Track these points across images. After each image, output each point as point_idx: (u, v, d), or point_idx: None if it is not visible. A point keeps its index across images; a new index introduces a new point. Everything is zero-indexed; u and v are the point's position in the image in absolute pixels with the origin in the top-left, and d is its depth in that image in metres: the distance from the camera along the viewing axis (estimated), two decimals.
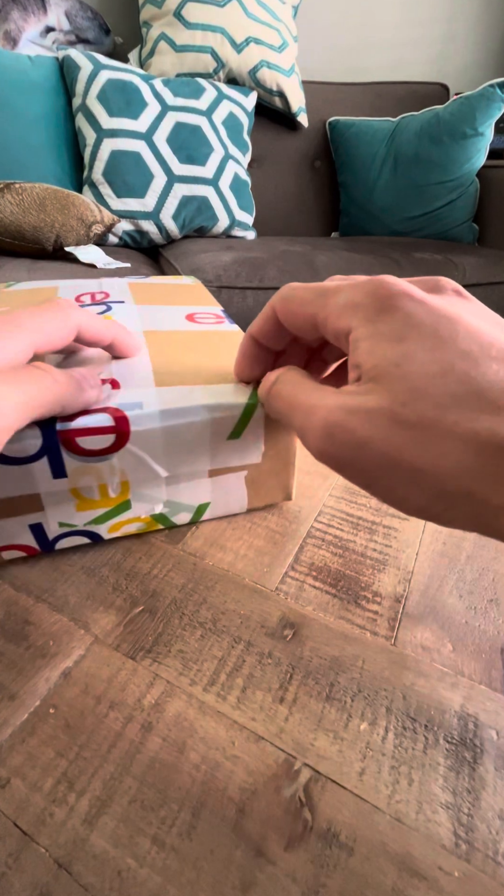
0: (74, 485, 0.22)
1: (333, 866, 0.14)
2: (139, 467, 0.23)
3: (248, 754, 0.17)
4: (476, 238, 1.50)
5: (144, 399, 0.22)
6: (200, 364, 0.26)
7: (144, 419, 0.21)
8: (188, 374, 0.24)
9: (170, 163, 1.21)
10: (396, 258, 1.10)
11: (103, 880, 0.14)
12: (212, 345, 0.28)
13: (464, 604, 0.23)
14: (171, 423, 0.22)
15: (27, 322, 0.19)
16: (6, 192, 0.93)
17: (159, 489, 0.24)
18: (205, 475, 0.25)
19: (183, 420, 0.22)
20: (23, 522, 0.23)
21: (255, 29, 1.36)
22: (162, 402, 0.22)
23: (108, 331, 0.24)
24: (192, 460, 0.24)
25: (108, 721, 0.18)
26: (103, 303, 0.35)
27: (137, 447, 0.22)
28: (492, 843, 0.15)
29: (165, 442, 0.22)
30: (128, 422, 0.21)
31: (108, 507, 0.24)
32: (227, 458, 0.25)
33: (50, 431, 0.20)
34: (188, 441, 0.23)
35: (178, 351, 0.27)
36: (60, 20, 1.38)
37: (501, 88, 1.30)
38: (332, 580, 0.24)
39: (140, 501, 0.24)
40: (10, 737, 0.17)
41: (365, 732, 0.18)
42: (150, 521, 0.26)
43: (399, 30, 1.79)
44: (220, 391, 0.23)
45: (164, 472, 0.24)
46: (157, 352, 0.27)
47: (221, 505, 0.27)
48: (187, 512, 0.26)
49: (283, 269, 1.01)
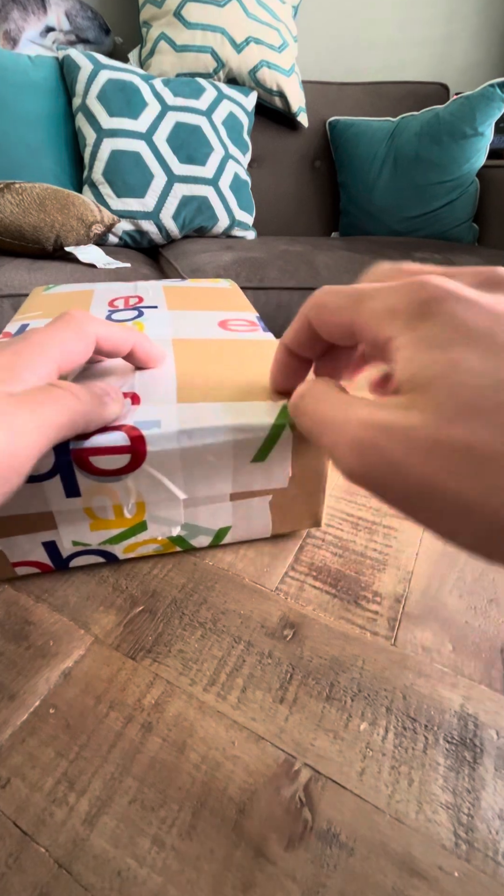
0: (88, 504, 0.21)
1: (333, 866, 0.14)
2: (156, 489, 0.22)
3: (248, 754, 0.17)
4: (476, 238, 1.50)
5: (164, 417, 0.21)
6: (228, 377, 0.24)
7: (162, 439, 0.20)
8: (213, 389, 0.23)
9: (170, 163, 1.21)
10: (396, 258, 1.10)
11: (103, 880, 0.14)
12: (243, 355, 0.27)
13: (464, 604, 0.23)
14: (191, 444, 0.21)
15: (48, 344, 0.19)
16: (6, 192, 0.93)
17: (177, 512, 0.23)
18: (226, 499, 0.23)
19: (203, 441, 0.21)
20: (36, 540, 0.22)
21: (255, 29, 1.35)
22: (182, 421, 0.21)
23: (126, 340, 0.23)
24: (212, 483, 0.22)
25: (109, 721, 0.18)
26: (136, 308, 0.34)
27: (154, 468, 0.21)
28: (492, 843, 0.15)
29: (184, 463, 0.21)
30: (144, 441, 0.20)
31: (123, 528, 0.23)
32: (251, 482, 0.23)
33: (63, 450, 0.19)
34: (209, 463, 0.21)
35: (206, 362, 0.26)
36: (60, 20, 1.38)
37: (501, 88, 1.30)
38: (332, 580, 0.24)
39: (156, 523, 0.23)
40: (10, 737, 0.17)
41: (365, 732, 0.18)
42: (167, 543, 0.25)
43: (399, 30, 1.78)
44: (246, 409, 0.22)
45: (182, 495, 0.22)
46: (184, 362, 0.25)
47: (243, 529, 0.25)
48: (206, 535, 0.25)
49: (283, 269, 1.00)
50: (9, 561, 0.23)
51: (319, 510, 0.26)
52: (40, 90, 1.19)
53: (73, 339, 0.20)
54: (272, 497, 0.24)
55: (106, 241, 1.18)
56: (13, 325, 0.31)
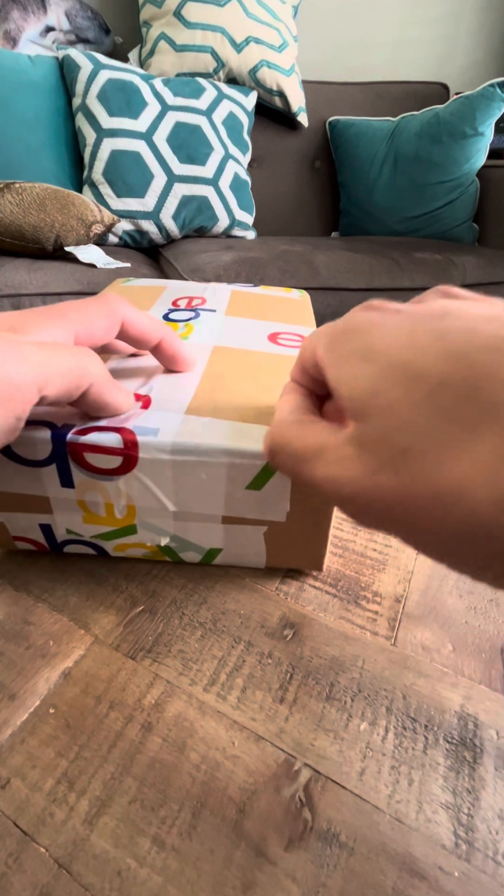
0: (81, 497, 0.22)
1: (333, 866, 0.14)
2: (146, 495, 0.21)
3: (248, 754, 0.17)
4: (476, 238, 1.50)
5: (164, 426, 0.20)
6: (250, 395, 0.23)
7: (154, 448, 0.20)
8: (228, 406, 0.22)
9: (170, 162, 1.21)
10: (396, 258, 1.10)
11: (103, 880, 0.14)
12: (278, 373, 0.25)
13: (464, 604, 0.23)
14: (183, 459, 0.20)
15: (71, 312, 0.20)
16: (6, 192, 0.93)
17: (167, 522, 0.23)
18: (218, 520, 0.23)
19: (196, 458, 0.20)
20: (34, 520, 0.23)
21: (255, 29, 1.35)
22: (179, 434, 0.20)
23: (154, 331, 0.22)
24: (203, 501, 0.22)
25: (109, 721, 0.18)
26: (194, 309, 0.34)
27: (145, 475, 0.21)
28: (492, 843, 0.15)
29: (175, 477, 0.21)
30: (137, 447, 0.20)
31: (113, 527, 0.23)
32: (245, 509, 0.22)
33: (60, 440, 0.20)
34: (201, 481, 0.21)
35: (237, 376, 0.25)
36: (60, 20, 1.38)
37: (501, 88, 1.30)
38: (332, 580, 0.24)
39: (146, 530, 0.23)
40: (10, 737, 0.17)
41: (365, 732, 0.18)
42: (156, 551, 0.24)
43: (399, 30, 1.78)
44: (252, 433, 0.20)
45: (171, 507, 0.22)
46: (213, 373, 0.25)
47: (234, 555, 0.24)
48: (196, 552, 0.24)
49: (283, 269, 1.01)
50: (9, 533, 0.24)
51: (321, 554, 0.24)
52: (40, 90, 1.19)
53: (97, 313, 0.20)
54: (267, 529, 0.23)
55: (106, 241, 1.18)
56: None
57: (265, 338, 0.30)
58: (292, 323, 0.33)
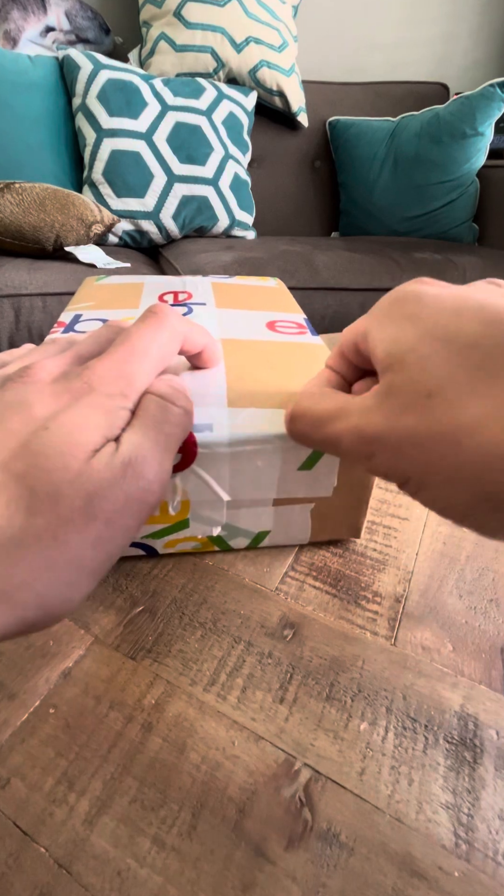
0: None
1: (333, 866, 0.14)
2: (202, 489, 0.22)
3: (248, 754, 0.17)
4: (476, 238, 1.50)
5: (215, 421, 0.21)
6: (277, 383, 0.24)
7: (213, 443, 0.21)
8: (263, 395, 0.23)
9: (170, 162, 1.21)
10: (396, 258, 1.10)
11: (103, 880, 0.14)
12: (292, 360, 0.27)
13: (464, 604, 0.23)
14: (241, 450, 0.21)
15: (150, 349, 0.18)
16: (6, 192, 0.93)
17: (220, 512, 0.23)
18: (269, 504, 0.24)
19: (253, 448, 0.21)
20: None
21: (255, 29, 1.35)
22: (233, 427, 0.21)
23: (202, 340, 0.22)
24: (257, 488, 0.23)
25: (109, 721, 0.18)
26: (185, 304, 0.34)
27: (203, 469, 0.21)
28: (492, 843, 0.15)
29: (232, 467, 0.22)
30: (196, 443, 0.20)
31: (166, 524, 0.23)
32: (296, 489, 0.23)
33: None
34: (256, 468, 0.22)
35: (256, 365, 0.26)
36: (60, 20, 1.38)
37: (501, 88, 1.30)
38: (332, 580, 0.24)
39: (198, 522, 0.24)
40: (10, 737, 0.17)
41: (365, 732, 0.18)
42: (206, 542, 0.25)
43: (399, 30, 1.78)
44: None
45: (226, 497, 0.23)
46: (234, 365, 0.25)
47: (282, 534, 0.25)
48: (245, 538, 0.25)
49: (283, 269, 1.00)
50: None
51: (360, 522, 0.26)
52: (40, 90, 1.19)
53: (169, 341, 0.19)
54: (315, 505, 0.24)
55: (106, 240, 1.18)
56: (67, 315, 0.32)
57: (264, 327, 0.31)
58: (282, 311, 0.35)
